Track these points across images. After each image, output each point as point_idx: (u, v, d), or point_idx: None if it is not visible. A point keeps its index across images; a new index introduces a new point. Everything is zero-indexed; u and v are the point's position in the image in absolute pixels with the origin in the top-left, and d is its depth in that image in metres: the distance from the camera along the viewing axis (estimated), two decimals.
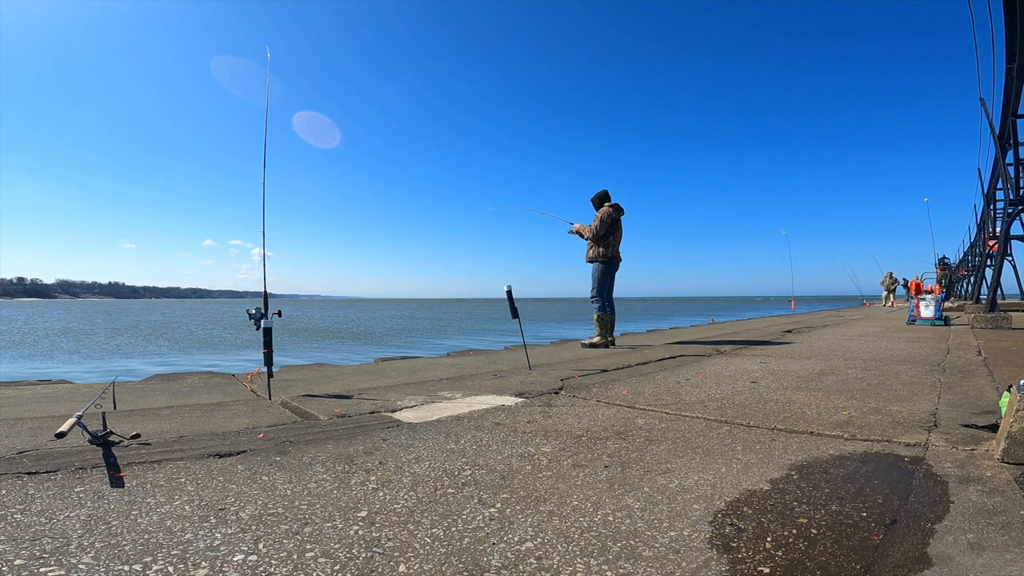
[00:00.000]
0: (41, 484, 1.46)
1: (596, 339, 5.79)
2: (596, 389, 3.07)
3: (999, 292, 13.65)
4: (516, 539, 1.16)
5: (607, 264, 5.84)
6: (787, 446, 1.88)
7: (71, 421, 1.71)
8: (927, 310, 9.40)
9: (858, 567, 1.04)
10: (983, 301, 12.62)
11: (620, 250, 5.93)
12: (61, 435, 1.61)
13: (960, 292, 29.26)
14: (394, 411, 2.48)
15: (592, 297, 5.88)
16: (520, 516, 1.28)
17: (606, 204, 5.88)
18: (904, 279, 21.92)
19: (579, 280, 6.13)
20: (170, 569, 1.01)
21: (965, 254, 30.08)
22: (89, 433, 1.80)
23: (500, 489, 1.46)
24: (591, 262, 5.91)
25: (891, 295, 22.17)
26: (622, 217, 5.92)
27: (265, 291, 3.04)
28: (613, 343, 5.85)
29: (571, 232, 6.14)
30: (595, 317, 5.85)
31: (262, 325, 2.91)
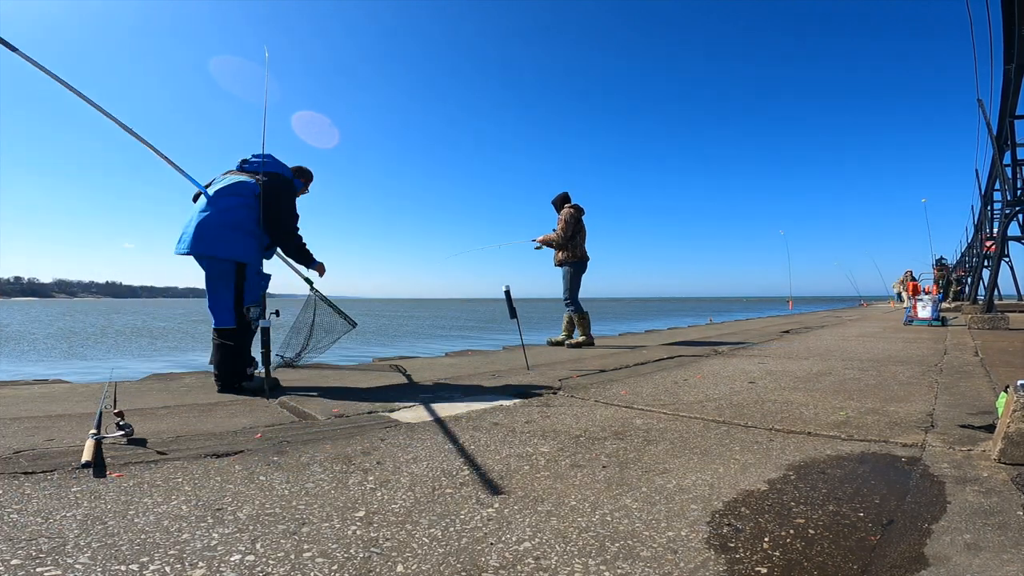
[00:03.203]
0: (38, 484, 1.45)
1: (581, 338, 5.85)
2: (594, 389, 3.07)
3: (995, 293, 13.69)
4: (514, 539, 1.16)
5: (577, 265, 5.92)
6: (785, 446, 1.89)
7: (90, 444, 1.68)
8: (924, 311, 9.43)
9: (855, 567, 1.04)
10: (980, 302, 12.65)
11: (587, 249, 6.02)
12: (88, 464, 1.58)
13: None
14: (392, 411, 2.48)
15: (566, 300, 5.95)
16: (518, 516, 1.28)
17: (567, 206, 5.97)
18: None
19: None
20: (167, 569, 1.01)
21: (963, 255, 30.14)
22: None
23: (498, 489, 1.46)
24: (561, 265, 5.98)
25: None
26: (583, 216, 6.00)
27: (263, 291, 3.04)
28: (591, 343, 5.92)
29: (538, 247, 6.14)
30: (576, 318, 5.91)
31: (260, 325, 2.92)
